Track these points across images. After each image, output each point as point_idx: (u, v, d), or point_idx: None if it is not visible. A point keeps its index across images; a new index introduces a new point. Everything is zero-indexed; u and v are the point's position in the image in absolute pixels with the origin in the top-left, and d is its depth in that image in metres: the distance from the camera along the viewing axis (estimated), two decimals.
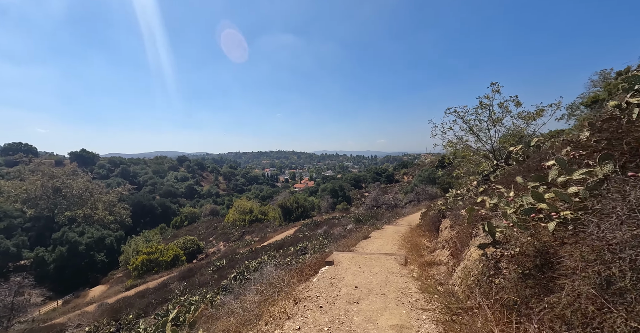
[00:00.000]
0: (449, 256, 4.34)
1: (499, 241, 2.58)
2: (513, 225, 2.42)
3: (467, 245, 3.80)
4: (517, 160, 5.52)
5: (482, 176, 6.22)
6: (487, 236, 3.02)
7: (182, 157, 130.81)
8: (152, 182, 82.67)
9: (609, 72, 18.56)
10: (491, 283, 2.28)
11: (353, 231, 15.06)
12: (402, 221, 17.46)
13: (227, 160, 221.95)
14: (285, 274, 4.32)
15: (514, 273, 1.98)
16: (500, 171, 5.59)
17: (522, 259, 1.99)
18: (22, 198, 39.63)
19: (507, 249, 2.34)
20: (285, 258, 14.35)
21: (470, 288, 2.55)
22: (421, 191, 30.11)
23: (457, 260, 3.89)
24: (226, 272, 13.56)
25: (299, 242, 17.76)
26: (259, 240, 27.60)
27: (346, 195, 50.39)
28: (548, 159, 3.30)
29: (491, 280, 2.30)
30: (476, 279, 2.43)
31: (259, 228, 35.89)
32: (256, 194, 72.75)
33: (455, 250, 4.01)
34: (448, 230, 5.39)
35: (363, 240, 9.17)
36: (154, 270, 19.04)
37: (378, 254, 5.16)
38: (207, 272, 15.00)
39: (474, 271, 2.65)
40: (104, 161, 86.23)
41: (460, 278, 2.86)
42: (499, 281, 2.16)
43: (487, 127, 6.70)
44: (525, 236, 2.15)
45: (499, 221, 2.87)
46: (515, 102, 6.53)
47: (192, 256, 28.76)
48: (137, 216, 54.11)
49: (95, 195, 46.04)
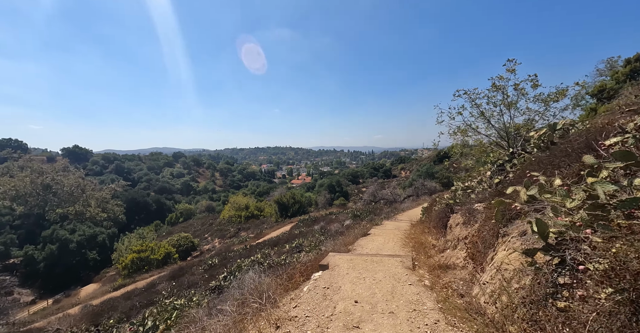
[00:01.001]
0: (466, 258, 3.64)
1: (553, 246, 1.86)
2: (580, 223, 1.69)
3: (491, 247, 3.09)
4: (539, 146, 4.80)
5: (497, 166, 5.52)
6: (528, 238, 2.30)
7: (177, 153, 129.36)
8: (147, 178, 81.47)
9: (615, 60, 17.85)
10: (554, 308, 1.56)
11: (351, 228, 14.42)
12: (401, 216, 16.83)
13: (224, 156, 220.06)
14: (271, 281, 3.60)
15: (608, 302, 1.25)
16: (518, 159, 4.88)
17: (618, 279, 1.27)
18: (11, 195, 38.51)
19: (575, 259, 1.61)
20: (279, 256, 13.69)
21: (514, 309, 1.84)
22: (420, 185, 29.52)
23: (479, 264, 3.18)
24: (217, 271, 12.87)
25: (294, 239, 17.11)
26: (254, 237, 26.94)
27: (344, 191, 49.76)
28: (606, 136, 2.58)
29: (553, 303, 1.58)
30: (527, 299, 1.72)
31: (255, 225, 35.21)
32: (252, 190, 71.91)
33: (476, 252, 3.30)
34: (460, 227, 4.69)
35: (362, 237, 8.48)
36: (144, 268, 18.31)
37: (380, 256, 4.45)
38: (198, 271, 14.30)
39: (518, 287, 1.93)
40: (97, 157, 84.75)
41: (494, 293, 2.15)
42: (571, 308, 1.44)
43: (500, 112, 5.97)
44: (614, 242, 1.42)
45: (546, 218, 2.14)
46: (533, 84, 5.79)
47: (186, 254, 28.05)
48: (131, 213, 53.17)
49: (87, 192, 44.97)
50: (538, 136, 4.72)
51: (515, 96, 5.91)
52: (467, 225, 4.49)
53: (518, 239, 2.50)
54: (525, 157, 4.72)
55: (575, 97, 6.24)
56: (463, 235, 4.40)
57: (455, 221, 5.28)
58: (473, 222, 4.34)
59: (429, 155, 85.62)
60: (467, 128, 6.08)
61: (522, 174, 3.80)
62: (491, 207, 3.88)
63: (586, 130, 3.56)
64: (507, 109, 5.90)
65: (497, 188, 4.61)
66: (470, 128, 6.11)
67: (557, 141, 4.55)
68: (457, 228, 4.83)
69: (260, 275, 4.19)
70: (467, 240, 4.09)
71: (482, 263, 3.08)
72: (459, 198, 5.91)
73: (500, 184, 5.01)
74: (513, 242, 2.53)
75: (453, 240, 4.90)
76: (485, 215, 4.05)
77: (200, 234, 40.19)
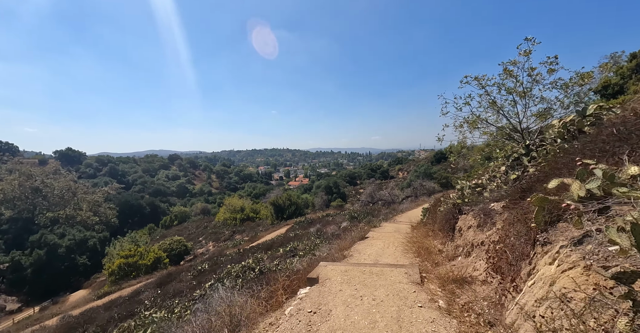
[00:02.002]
0: (488, 270, 2.94)
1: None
2: None
3: (525, 258, 2.39)
4: (563, 136, 4.13)
5: (512, 160, 4.84)
6: (596, 250, 1.60)
7: (173, 155, 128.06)
8: (141, 181, 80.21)
9: (619, 55, 17.32)
10: None
11: (348, 230, 13.76)
12: (401, 217, 16.17)
13: (221, 158, 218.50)
14: (245, 302, 2.87)
15: None
16: (539, 152, 4.21)
17: None
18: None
19: None
20: (272, 260, 12.97)
21: None
22: (419, 186, 28.90)
23: (509, 279, 2.48)
24: (206, 278, 12.09)
25: (289, 242, 16.42)
26: (249, 240, 26.14)
27: (341, 192, 49.09)
28: None
29: None
30: None
31: (250, 227, 34.38)
32: (249, 192, 70.95)
33: (503, 264, 2.60)
34: (474, 231, 3.99)
35: (359, 241, 7.78)
36: (132, 275, 17.43)
37: (381, 265, 3.74)
38: (187, 278, 13.49)
39: (601, 329, 1.24)
40: (91, 159, 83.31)
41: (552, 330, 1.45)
42: None
43: (513, 101, 5.30)
44: None
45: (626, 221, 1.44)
46: (549, 69, 5.13)
47: (179, 258, 27.15)
48: (124, 216, 52.03)
49: (78, 195, 43.86)
50: (562, 124, 4.04)
51: (529, 83, 5.25)
52: (483, 228, 3.80)
53: (573, 250, 1.80)
54: (548, 149, 4.05)
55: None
56: (478, 240, 3.71)
57: (465, 224, 4.59)
58: (490, 225, 3.65)
59: (426, 156, 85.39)
60: (477, 120, 5.38)
61: (554, 167, 3.12)
62: (515, 207, 3.20)
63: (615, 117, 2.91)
64: (520, 98, 5.24)
65: (516, 184, 3.92)
66: (479, 119, 5.41)
67: (587, 130, 3.88)
68: (470, 231, 4.13)
69: (233, 292, 3.46)
70: (486, 246, 3.39)
71: (514, 278, 2.38)
72: (468, 198, 5.23)
73: (518, 181, 4.34)
74: (566, 254, 1.83)
75: (465, 245, 4.21)
76: (506, 216, 3.36)
77: (195, 237, 39.28)
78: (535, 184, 3.34)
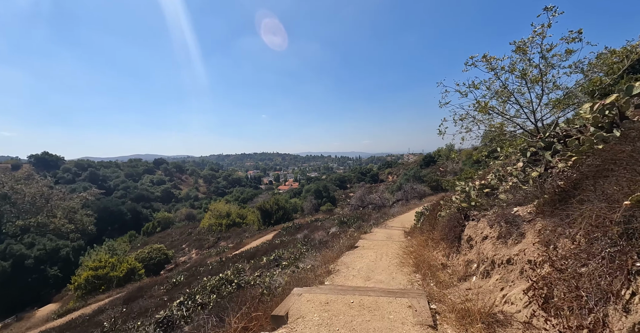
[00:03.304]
0: (532, 307, 2.01)
1: None
2: None
3: (609, 296, 1.47)
4: (598, 124, 3.31)
5: (530, 155, 4.01)
6: None
7: (159, 159, 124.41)
8: (124, 186, 77.04)
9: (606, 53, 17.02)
10: None
11: (336, 236, 12.85)
12: (392, 222, 15.32)
13: (209, 163, 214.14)
14: None
15: None
16: (571, 143, 3.38)
17: None
18: None
19: None
20: (254, 270, 11.90)
21: None
22: (409, 189, 28.27)
23: (579, 325, 1.56)
24: (180, 292, 10.84)
25: (274, 250, 15.34)
26: (233, 247, 24.80)
27: (331, 196, 48.15)
28: None
29: None
30: None
31: (236, 233, 32.94)
32: (237, 196, 69.04)
33: (570, 304, 1.68)
34: (494, 244, 3.09)
35: (347, 251, 6.80)
36: (101, 288, 15.84)
37: (375, 294, 2.77)
38: (159, 292, 12.17)
39: None
40: (69, 164, 79.55)
41: None
42: None
43: (525, 85, 4.50)
44: None
45: None
46: (567, 50, 4.37)
47: (159, 267, 25.49)
48: (103, 223, 49.42)
49: (52, 201, 41.19)
50: (599, 107, 3.23)
51: (544, 67, 4.46)
52: (506, 240, 2.90)
53: None
54: (582, 139, 3.21)
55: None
56: (502, 256, 2.80)
57: (477, 233, 3.69)
58: (517, 236, 2.75)
59: (415, 159, 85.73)
60: (486, 106, 4.53)
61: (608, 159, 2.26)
62: (557, 213, 2.31)
63: None
64: (534, 84, 4.44)
65: (549, 183, 3.07)
66: (488, 107, 4.57)
67: (632, 114, 3.07)
68: (487, 244, 3.22)
69: None
70: (517, 267, 2.48)
71: (594, 330, 1.45)
72: (476, 200, 4.35)
73: (542, 178, 3.49)
74: None
75: (480, 261, 3.30)
76: (543, 225, 2.47)
77: (178, 244, 37.47)
78: (583, 181, 2.47)
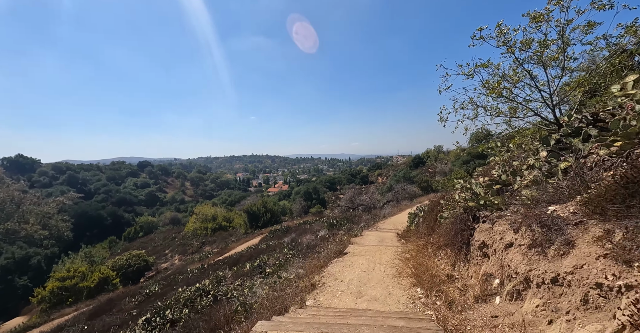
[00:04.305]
0: None
1: None
2: None
3: None
4: None
5: (554, 143, 3.32)
6: None
7: (143, 162, 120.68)
8: (105, 190, 73.88)
9: None
10: None
11: (325, 240, 12.06)
12: (384, 224, 14.64)
13: (197, 165, 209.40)
14: None
15: None
16: (614, 124, 2.69)
17: None
18: None
19: None
20: (235, 279, 10.97)
21: None
22: (400, 189, 27.79)
23: None
24: (151, 305, 9.76)
25: (260, 255, 14.41)
26: (217, 252, 23.61)
27: (320, 198, 47.28)
28: None
29: None
30: None
31: (222, 237, 31.63)
32: (224, 199, 67.23)
33: None
34: (524, 254, 2.34)
35: (336, 258, 5.99)
36: (68, 301, 14.43)
37: (368, 329, 1.97)
38: (129, 305, 11.02)
39: None
40: (46, 167, 75.72)
41: None
42: None
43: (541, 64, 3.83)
44: None
45: None
46: (588, 23, 3.72)
47: (138, 275, 23.96)
48: (81, 228, 46.96)
49: (24, 207, 38.68)
50: None
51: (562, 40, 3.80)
52: (544, 249, 2.16)
53: None
54: (629, 117, 2.52)
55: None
56: (543, 273, 2.05)
57: (494, 239, 2.95)
58: (563, 245, 2.01)
59: (404, 161, 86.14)
60: (498, 86, 3.82)
61: None
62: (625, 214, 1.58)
63: None
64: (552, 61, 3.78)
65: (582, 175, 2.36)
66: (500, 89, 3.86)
67: None
68: (514, 254, 2.48)
69: None
70: (572, 288, 1.72)
71: None
72: (487, 198, 3.63)
73: (575, 169, 2.77)
74: None
75: (506, 277, 2.54)
76: (600, 231, 1.73)
77: (161, 250, 35.77)
78: None
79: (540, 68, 3.96)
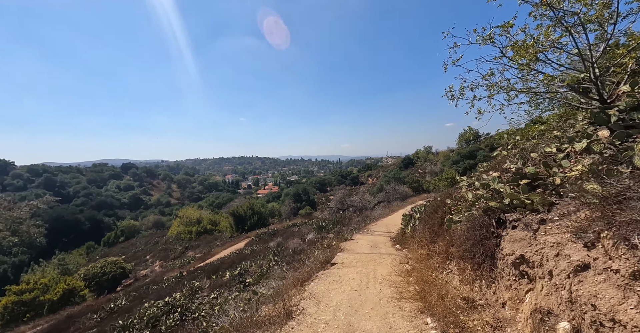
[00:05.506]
0: None
1: None
2: None
3: None
4: None
5: (615, 120, 2.44)
6: None
7: (127, 164, 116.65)
8: (85, 193, 70.58)
9: None
10: None
11: (313, 244, 11.11)
12: (376, 226, 13.72)
13: (185, 167, 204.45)
14: None
15: None
16: None
17: None
18: None
19: None
20: (212, 290, 9.89)
21: None
22: (391, 190, 27.07)
23: None
24: (112, 324, 8.50)
25: (242, 261, 13.32)
26: (200, 258, 22.24)
27: (310, 199, 46.22)
28: None
29: None
30: None
31: (206, 242, 30.15)
32: (211, 202, 65.22)
33: None
34: (612, 283, 1.40)
35: (321, 271, 4.99)
36: (26, 316, 12.88)
37: None
38: (90, 323, 9.71)
39: None
40: (21, 170, 71.83)
41: None
42: None
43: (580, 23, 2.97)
44: None
45: None
46: None
47: (114, 283, 22.26)
48: (56, 234, 44.29)
49: None
50: None
51: None
52: None
53: None
54: None
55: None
56: None
57: (542, 254, 2.02)
58: None
59: (394, 162, 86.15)
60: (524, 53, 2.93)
61: None
62: None
63: None
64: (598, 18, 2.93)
65: None
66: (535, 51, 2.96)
67: None
68: (595, 283, 1.54)
69: None
70: None
71: None
72: (516, 197, 2.72)
73: None
74: None
75: (583, 323, 1.60)
76: None
77: (141, 255, 33.89)
78: None
79: (578, 29, 3.09)
